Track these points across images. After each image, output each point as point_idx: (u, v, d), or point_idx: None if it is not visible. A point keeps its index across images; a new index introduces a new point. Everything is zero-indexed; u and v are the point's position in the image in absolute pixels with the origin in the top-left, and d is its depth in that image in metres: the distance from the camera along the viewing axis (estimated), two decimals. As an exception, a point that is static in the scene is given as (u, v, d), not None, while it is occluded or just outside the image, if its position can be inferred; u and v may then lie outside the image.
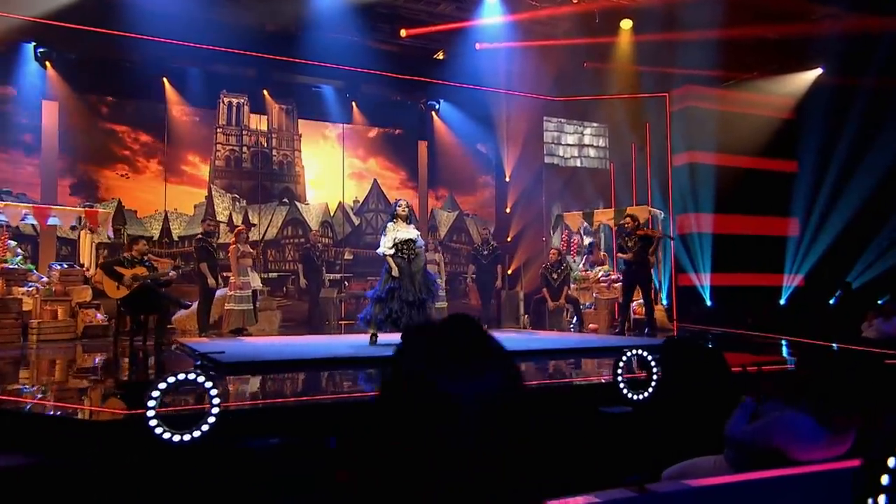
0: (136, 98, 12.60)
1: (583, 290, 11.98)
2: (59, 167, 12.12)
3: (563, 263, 11.59)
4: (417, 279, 7.97)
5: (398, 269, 7.90)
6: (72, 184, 12.25)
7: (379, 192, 14.64)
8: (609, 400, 4.65)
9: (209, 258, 9.98)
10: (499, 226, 15.42)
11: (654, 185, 14.64)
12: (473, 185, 15.57)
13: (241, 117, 13.58)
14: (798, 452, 2.35)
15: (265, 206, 13.71)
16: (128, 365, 7.67)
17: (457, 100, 14.57)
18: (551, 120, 15.17)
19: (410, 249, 8.00)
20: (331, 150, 14.31)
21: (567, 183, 14.89)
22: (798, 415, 2.41)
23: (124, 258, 9.39)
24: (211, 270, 9.98)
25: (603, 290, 11.57)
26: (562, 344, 8.64)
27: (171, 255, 12.42)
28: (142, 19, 10.99)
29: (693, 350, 3.22)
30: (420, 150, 15.04)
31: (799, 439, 2.35)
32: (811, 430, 2.36)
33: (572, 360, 7.66)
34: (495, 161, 15.36)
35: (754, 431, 2.53)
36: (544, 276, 11.56)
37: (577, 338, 9.82)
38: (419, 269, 8.01)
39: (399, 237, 7.98)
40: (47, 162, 12.04)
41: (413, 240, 8.05)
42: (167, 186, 12.90)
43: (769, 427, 2.49)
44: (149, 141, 12.81)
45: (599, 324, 11.29)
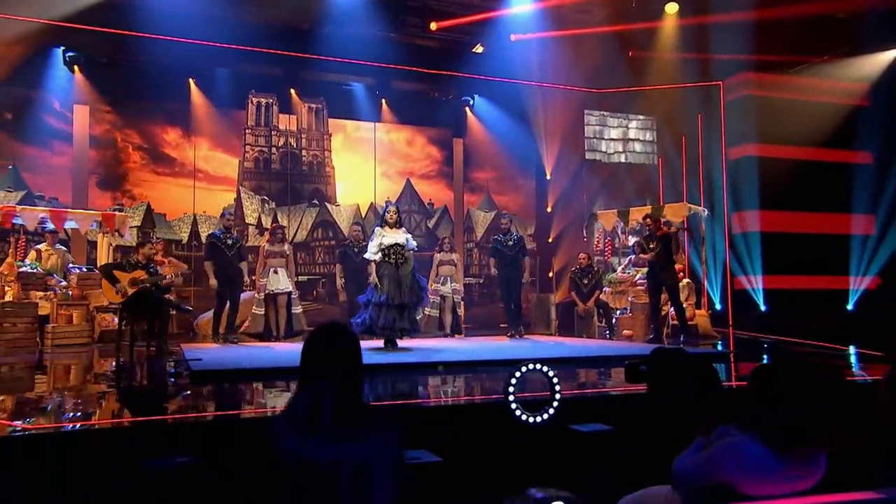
0: (164, 100, 12.51)
1: (618, 295, 11.24)
2: (90, 171, 12.17)
3: (595, 267, 10.97)
4: (405, 284, 8.02)
5: (384, 275, 7.99)
6: (102, 188, 12.28)
7: (412, 191, 14.22)
8: (584, 416, 4.19)
9: (217, 256, 9.46)
10: (539, 226, 14.82)
11: (706, 180, 13.73)
12: (512, 183, 14.97)
13: (269, 117, 13.37)
14: (748, 486, 2.03)
15: (294, 207, 13.46)
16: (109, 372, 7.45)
17: (492, 95, 14.02)
18: (593, 113, 14.43)
19: (398, 254, 8.05)
20: (362, 149, 13.98)
21: (610, 179, 14.11)
22: (747, 441, 2.07)
23: (126, 261, 9.23)
24: (219, 270, 9.44)
25: (640, 294, 10.78)
26: (564, 352, 8.07)
27: (200, 258, 12.28)
28: (167, 21, 10.91)
29: (679, 362, 2.67)
30: (455, 148, 14.52)
31: (748, 470, 2.03)
32: (762, 458, 2.02)
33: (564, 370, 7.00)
34: (534, 158, 14.71)
35: (698, 463, 2.19)
36: (573, 281, 10.97)
37: (594, 345, 9.25)
38: (407, 274, 8.04)
39: (385, 242, 8.04)
40: (78, 166, 12.11)
41: (401, 244, 8.09)
42: (196, 189, 12.80)
43: (715, 457, 2.13)
44: (177, 143, 12.74)
45: (635, 330, 10.56)
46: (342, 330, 2.15)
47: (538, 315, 11.71)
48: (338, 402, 1.96)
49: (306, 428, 1.95)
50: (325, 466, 1.92)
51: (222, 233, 9.62)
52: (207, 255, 9.60)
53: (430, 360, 7.11)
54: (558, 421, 3.99)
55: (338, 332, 2.13)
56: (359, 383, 2.07)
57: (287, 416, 2.03)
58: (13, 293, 10.02)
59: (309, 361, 2.08)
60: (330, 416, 1.93)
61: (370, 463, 1.96)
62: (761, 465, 2.03)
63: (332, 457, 1.92)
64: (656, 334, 9.50)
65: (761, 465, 2.03)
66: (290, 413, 2.03)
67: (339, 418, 1.95)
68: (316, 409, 1.95)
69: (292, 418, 1.99)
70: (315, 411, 1.94)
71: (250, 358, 7.35)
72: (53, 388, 6.22)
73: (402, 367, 6.70)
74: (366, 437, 1.98)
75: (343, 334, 2.12)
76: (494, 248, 10.59)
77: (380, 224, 8.43)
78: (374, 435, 2.00)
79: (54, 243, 10.69)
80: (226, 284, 9.50)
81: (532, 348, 8.69)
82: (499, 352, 8.16)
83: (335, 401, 1.95)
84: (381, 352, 7.79)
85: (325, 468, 1.92)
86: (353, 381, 2.03)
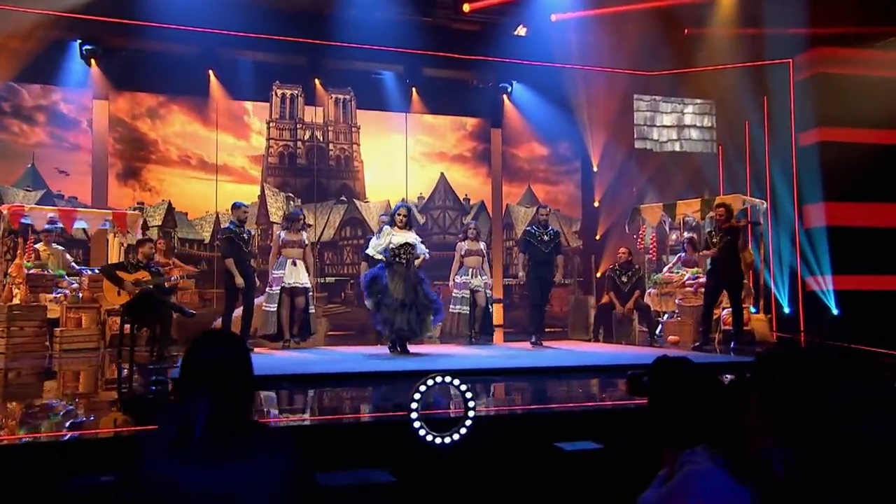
0: (184, 94, 12.34)
1: (664, 297, 10.41)
2: (110, 169, 12.07)
3: (636, 264, 10.22)
4: (418, 286, 8.04)
5: (396, 273, 7.93)
6: (122, 186, 12.17)
7: (446, 186, 13.67)
8: (572, 432, 3.96)
9: (238, 253, 8.96)
10: (585, 222, 14.09)
11: (774, 169, 12.77)
12: (555, 176, 14.27)
13: (294, 110, 13.03)
14: None
15: (321, 204, 13.11)
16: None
17: (531, 80, 13.33)
18: (643, 98, 13.58)
19: (408, 253, 7.99)
20: (392, 142, 13.52)
21: (660, 171, 13.25)
22: (711, 470, 1.79)
23: (128, 262, 9.02)
24: (240, 267, 8.93)
25: (689, 297, 9.95)
26: (583, 360, 7.56)
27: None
28: (185, 10, 10.74)
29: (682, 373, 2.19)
30: (492, 139, 13.91)
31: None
32: (727, 490, 1.74)
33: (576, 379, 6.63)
34: (579, 148, 13.98)
35: (660, 499, 1.93)
36: (611, 279, 10.19)
37: (627, 352, 8.60)
38: (416, 276, 8.08)
39: (395, 241, 7.93)
40: (98, 163, 12.02)
41: (411, 244, 8.02)
42: (218, 186, 12.57)
43: (675, 492, 1.87)
44: (198, 138, 12.54)
45: (682, 336, 9.74)
46: (227, 339, 2.04)
47: (576, 319, 11.02)
48: (213, 420, 1.84)
49: (175, 449, 1.84)
50: (196, 492, 1.80)
51: (237, 226, 9.13)
52: (225, 251, 9.03)
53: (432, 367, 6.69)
54: (540, 438, 3.79)
55: (220, 340, 2.01)
56: (244, 399, 1.94)
57: (156, 434, 1.90)
58: (21, 295, 9.88)
59: (185, 373, 1.95)
60: (202, 436, 1.81)
61: (255, 489, 1.83)
62: (726, 498, 1.74)
63: (205, 482, 1.81)
64: (705, 340, 8.73)
65: (726, 498, 1.74)
66: (159, 432, 1.91)
67: (215, 438, 1.82)
68: (187, 427, 1.83)
69: (160, 437, 1.88)
70: (186, 430, 1.82)
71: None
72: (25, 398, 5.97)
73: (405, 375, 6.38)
74: (250, 461, 1.85)
75: (227, 343, 2.00)
76: (525, 243, 9.52)
77: (389, 223, 8.24)
78: (260, 458, 1.87)
79: (50, 242, 10.52)
80: (235, 286, 9.02)
81: (553, 356, 8.17)
82: (510, 360, 7.74)
83: (210, 418, 1.83)
84: (386, 357, 7.69)
85: (197, 495, 1.80)
86: (237, 396, 1.90)
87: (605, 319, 10.14)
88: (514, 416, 4.67)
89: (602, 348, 9.13)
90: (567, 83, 13.10)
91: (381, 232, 8.20)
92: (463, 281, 9.88)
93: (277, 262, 9.37)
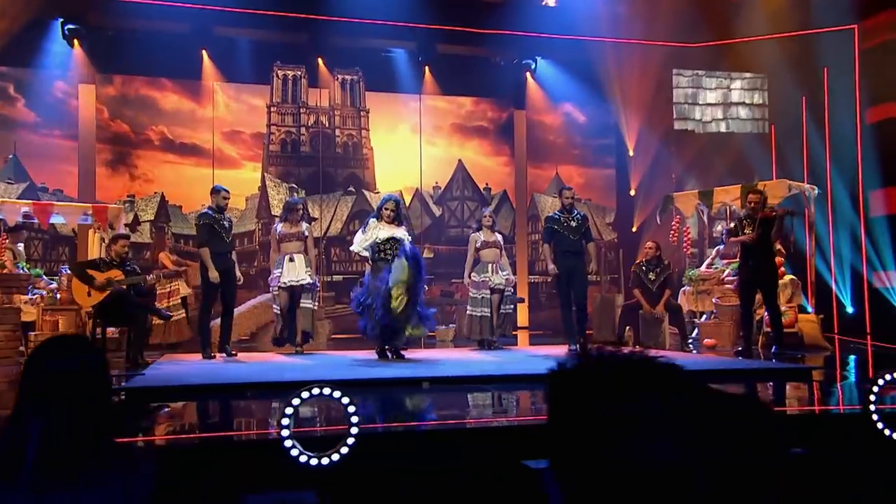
0: (176, 77, 11.83)
1: (701, 295, 9.60)
2: (97, 157, 11.60)
3: (665, 259, 9.34)
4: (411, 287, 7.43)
5: (381, 271, 7.49)
6: (111, 177, 11.69)
7: (465, 174, 12.93)
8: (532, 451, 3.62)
9: (216, 243, 8.19)
10: (620, 213, 13.21)
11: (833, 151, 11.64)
12: (585, 162, 13.43)
13: (297, 93, 12.40)
14: None
15: (328, 196, 12.49)
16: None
17: (557, 56, 12.51)
18: (683, 73, 12.62)
19: (394, 249, 7.57)
20: (404, 126, 12.84)
21: (704, 154, 12.30)
22: None
23: (100, 259, 8.45)
24: (216, 259, 8.15)
25: (728, 295, 9.10)
26: None
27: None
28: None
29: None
30: (516, 122, 13.12)
31: None
32: None
33: None
34: (612, 131, 13.12)
35: None
36: (637, 276, 9.29)
37: None
38: None
39: (381, 235, 7.58)
40: (85, 153, 11.55)
41: (397, 238, 7.62)
42: (215, 176, 11.88)
43: None
44: (192, 125, 12.00)
45: (720, 339, 8.90)
46: (74, 344, 1.87)
47: (603, 320, 10.11)
48: (49, 441, 1.69)
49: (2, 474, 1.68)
50: None
51: (215, 212, 8.30)
52: (201, 239, 8.21)
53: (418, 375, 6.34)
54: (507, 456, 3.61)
55: (66, 347, 1.84)
56: (93, 417, 1.77)
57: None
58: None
59: (21, 387, 1.79)
60: (33, 460, 1.66)
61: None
62: None
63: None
64: (746, 344, 7.89)
65: None
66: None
67: (50, 462, 1.68)
68: (18, 450, 1.67)
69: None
70: (16, 453, 1.66)
71: (220, 373, 6.89)
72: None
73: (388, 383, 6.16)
74: (94, 488, 1.71)
75: (74, 350, 1.83)
76: (550, 230, 8.44)
77: (375, 216, 7.75)
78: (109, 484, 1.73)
79: (17, 242, 10.06)
80: (220, 280, 8.21)
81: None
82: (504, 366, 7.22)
83: (45, 439, 1.68)
84: (373, 364, 7.37)
85: None
86: (82, 413, 1.74)
87: (632, 321, 9.29)
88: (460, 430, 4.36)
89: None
90: (597, 58, 12.24)
91: (366, 226, 7.75)
92: (482, 279, 8.94)
93: (277, 260, 8.63)
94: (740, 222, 7.88)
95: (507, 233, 12.80)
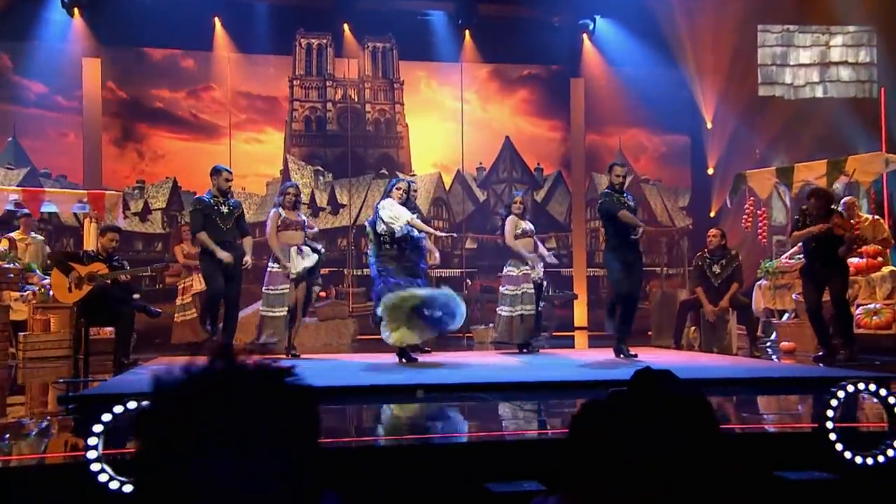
0: (186, 48, 11.38)
1: (779, 290, 8.80)
2: (104, 135, 11.24)
3: (732, 250, 8.50)
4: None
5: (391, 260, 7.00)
6: (119, 161, 11.29)
7: (512, 153, 12.24)
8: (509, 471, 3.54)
9: (209, 229, 7.55)
10: (696, 195, 12.24)
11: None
12: (654, 138, 12.56)
13: (323, 64, 11.85)
14: None
15: (357, 180, 11.86)
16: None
17: (618, 15, 11.69)
18: (771, 29, 11.70)
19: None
20: (443, 99, 12.23)
21: (794, 124, 11.18)
22: None
23: (84, 252, 8.13)
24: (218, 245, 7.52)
25: (811, 291, 8.08)
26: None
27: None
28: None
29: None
30: (572, 92, 12.31)
31: None
32: None
33: None
34: (686, 101, 12.08)
35: None
36: (699, 270, 8.46)
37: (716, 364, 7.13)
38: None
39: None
40: (90, 134, 11.16)
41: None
42: (233, 158, 11.33)
43: None
44: (205, 101, 11.55)
45: (802, 342, 8.09)
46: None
47: (663, 319, 9.21)
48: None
49: None
50: None
51: (213, 197, 7.61)
52: (195, 225, 7.65)
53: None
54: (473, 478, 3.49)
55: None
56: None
57: None
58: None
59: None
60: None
61: None
62: None
63: None
64: (828, 351, 7.08)
65: None
66: None
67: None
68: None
69: None
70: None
71: None
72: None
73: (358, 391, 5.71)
74: None
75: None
76: (606, 212, 7.36)
77: (386, 196, 7.12)
78: None
79: (30, 230, 9.60)
80: (218, 272, 7.56)
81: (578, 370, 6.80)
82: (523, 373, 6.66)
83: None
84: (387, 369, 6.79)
85: None
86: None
87: (692, 320, 8.65)
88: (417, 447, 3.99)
89: (674, 358, 7.46)
90: (665, 15, 11.30)
91: (386, 203, 6.99)
92: (522, 273, 8.08)
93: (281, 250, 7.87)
94: (801, 214, 7.25)
95: (562, 219, 12.03)
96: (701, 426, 1.32)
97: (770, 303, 9.07)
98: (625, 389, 1.37)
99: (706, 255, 8.57)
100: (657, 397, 1.36)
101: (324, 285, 10.51)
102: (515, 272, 8.14)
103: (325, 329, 10.05)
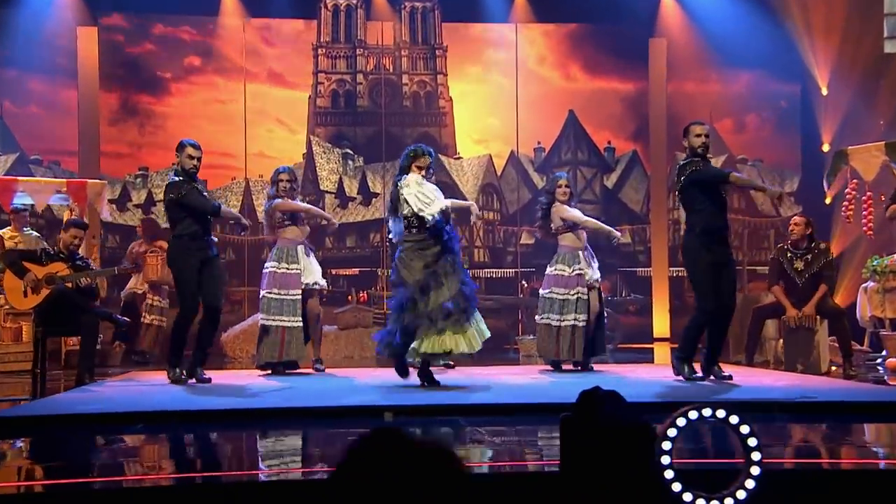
0: (190, 13, 10.96)
1: (890, 294, 8.06)
2: (101, 111, 10.93)
3: (821, 243, 7.98)
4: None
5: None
6: (118, 142, 10.98)
7: (577, 131, 11.42)
8: None
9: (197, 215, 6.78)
10: (807, 178, 11.12)
11: None
12: (753, 109, 11.65)
13: (352, 29, 11.38)
14: None
15: (393, 165, 10.90)
16: None
17: None
18: None
19: None
20: (494, 68, 11.63)
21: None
22: None
23: (43, 251, 7.66)
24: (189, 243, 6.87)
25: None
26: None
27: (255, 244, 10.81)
28: None
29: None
30: (651, 55, 11.37)
31: None
32: None
33: None
34: (793, 65, 11.05)
35: None
36: (778, 264, 7.79)
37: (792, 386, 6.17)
38: None
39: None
40: (86, 114, 10.80)
41: None
42: (248, 141, 10.99)
43: None
44: (221, 75, 11.16)
45: None
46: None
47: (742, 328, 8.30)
48: None
49: None
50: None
51: (180, 173, 6.73)
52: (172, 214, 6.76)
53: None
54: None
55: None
56: None
57: None
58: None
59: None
60: None
61: None
62: None
63: None
64: None
65: None
66: None
67: None
68: None
69: None
70: None
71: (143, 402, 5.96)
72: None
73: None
74: None
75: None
76: (704, 178, 6.29)
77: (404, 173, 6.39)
78: None
79: (22, 227, 9.24)
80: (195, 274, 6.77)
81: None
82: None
83: None
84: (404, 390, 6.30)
85: None
86: None
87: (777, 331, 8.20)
88: None
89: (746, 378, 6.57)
90: None
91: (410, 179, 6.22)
92: (574, 273, 7.24)
93: (273, 252, 7.52)
94: None
95: (638, 208, 11.40)
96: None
97: (878, 310, 8.33)
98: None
99: (787, 247, 7.93)
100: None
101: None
102: (567, 271, 7.29)
103: (346, 339, 9.56)
